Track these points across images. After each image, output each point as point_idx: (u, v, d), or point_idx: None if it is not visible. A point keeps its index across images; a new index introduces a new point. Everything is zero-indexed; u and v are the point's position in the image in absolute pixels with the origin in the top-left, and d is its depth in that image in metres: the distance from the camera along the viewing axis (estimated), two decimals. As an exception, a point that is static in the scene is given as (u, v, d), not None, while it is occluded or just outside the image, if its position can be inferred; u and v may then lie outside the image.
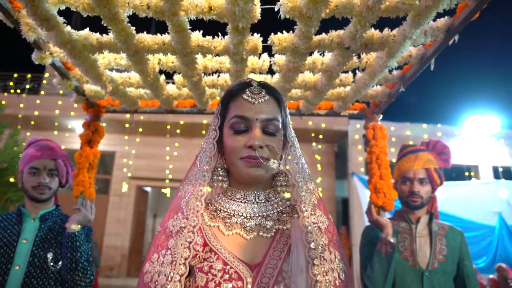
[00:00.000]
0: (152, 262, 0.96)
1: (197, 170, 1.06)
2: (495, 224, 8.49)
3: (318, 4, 1.22)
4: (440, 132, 9.29)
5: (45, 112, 8.74)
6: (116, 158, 9.45)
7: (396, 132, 9.26)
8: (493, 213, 8.58)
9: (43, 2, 1.27)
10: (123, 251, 8.98)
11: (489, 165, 9.34)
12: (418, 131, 9.28)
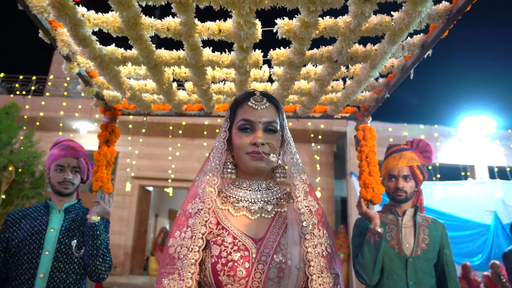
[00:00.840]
0: (175, 238, 1.20)
1: (210, 164, 1.31)
2: (491, 222, 8.74)
3: (309, 27, 1.51)
4: (437, 133, 9.55)
5: (50, 113, 9.01)
6: (120, 158, 9.72)
7: (393, 133, 9.54)
8: (488, 212, 8.83)
9: (83, 26, 1.56)
10: (126, 250, 9.25)
11: (485, 165, 9.59)
12: (415, 131, 9.55)
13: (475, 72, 24.73)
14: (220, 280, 1.10)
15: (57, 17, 1.46)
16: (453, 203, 8.87)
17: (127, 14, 1.45)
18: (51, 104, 9.23)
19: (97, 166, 2.61)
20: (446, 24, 1.74)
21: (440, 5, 1.68)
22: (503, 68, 23.09)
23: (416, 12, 1.46)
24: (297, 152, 1.37)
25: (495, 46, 23.34)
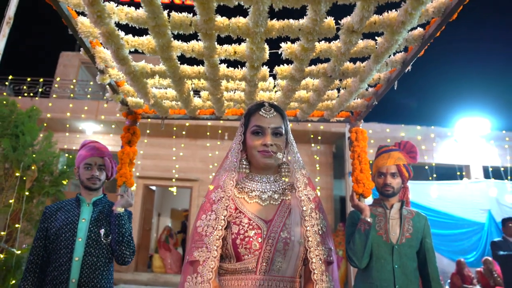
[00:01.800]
0: (202, 220, 1.52)
1: (229, 162, 1.67)
2: (485, 221, 9.08)
3: (307, 51, 1.91)
4: (433, 134, 9.95)
5: (57, 115, 9.38)
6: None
7: (391, 134, 9.94)
8: (483, 211, 9.19)
9: (123, 48, 1.95)
10: (131, 247, 9.62)
11: (480, 165, 9.97)
12: (412, 132, 9.94)
13: (470, 74, 25.20)
14: (239, 251, 1.45)
15: (105, 43, 1.86)
16: (449, 202, 9.23)
17: (162, 41, 1.85)
18: (57, 105, 9.62)
19: (121, 164, 2.99)
20: (421, 46, 2.14)
21: (415, 31, 2.08)
22: (498, 71, 23.58)
23: (394, 40, 1.86)
24: (298, 152, 1.75)
25: (490, 49, 23.82)
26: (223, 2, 1.59)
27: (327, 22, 1.76)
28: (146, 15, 1.72)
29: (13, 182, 4.38)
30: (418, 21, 1.89)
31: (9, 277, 4.10)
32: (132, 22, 1.80)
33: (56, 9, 1.90)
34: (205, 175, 10.01)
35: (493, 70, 23.62)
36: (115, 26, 1.85)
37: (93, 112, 9.54)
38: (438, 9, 1.87)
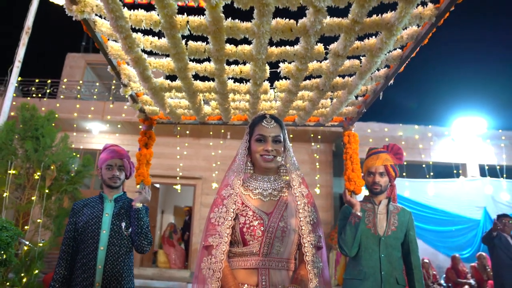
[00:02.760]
0: (215, 212, 1.86)
1: (236, 164, 2.05)
2: (480, 218, 9.48)
3: (301, 71, 2.34)
4: (430, 133, 10.33)
5: (64, 115, 9.73)
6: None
7: (389, 133, 10.32)
8: (478, 208, 9.59)
9: (147, 69, 2.38)
10: (137, 243, 10.05)
11: (476, 164, 10.33)
12: (410, 131, 10.32)
13: (467, 74, 25.65)
14: (245, 238, 1.84)
15: (133, 66, 2.28)
16: (445, 199, 9.62)
17: (180, 64, 2.27)
18: (65, 106, 10.02)
19: (139, 164, 3.42)
20: (400, 64, 2.55)
21: (394, 52, 2.50)
22: (494, 71, 24.00)
23: (373, 61, 2.28)
24: (294, 156, 2.15)
25: (487, 49, 24.23)
26: (232, 36, 2.00)
27: (317, 48, 2.19)
28: (168, 45, 2.13)
29: (34, 181, 4.82)
30: (395, 45, 2.31)
31: (32, 267, 4.54)
32: (155, 49, 2.22)
33: (92, 37, 2.32)
34: (208, 173, 10.43)
35: (489, 70, 24.07)
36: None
37: (99, 113, 9.96)
38: (411, 36, 2.29)
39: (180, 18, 1.97)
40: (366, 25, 1.97)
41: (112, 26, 1.94)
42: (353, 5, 1.81)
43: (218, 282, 1.74)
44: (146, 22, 2.01)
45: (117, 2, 1.82)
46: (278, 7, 1.81)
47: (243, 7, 1.76)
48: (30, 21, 5.43)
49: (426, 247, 9.48)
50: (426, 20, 2.06)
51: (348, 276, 2.87)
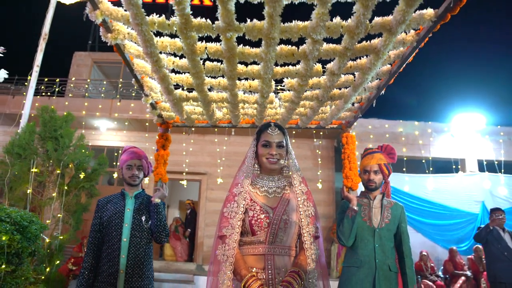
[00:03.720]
0: (227, 207, 2.14)
1: (245, 166, 2.43)
2: (478, 212, 9.87)
3: (302, 86, 2.75)
4: (430, 129, 10.70)
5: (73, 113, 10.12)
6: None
7: (390, 129, 10.71)
8: (476, 202, 9.99)
9: (170, 84, 2.80)
10: (144, 237, 10.51)
11: (475, 159, 10.65)
12: (410, 128, 10.69)
13: (466, 71, 26.02)
14: (253, 229, 2.22)
15: (159, 83, 2.70)
16: (444, 194, 10.00)
17: (198, 81, 2.69)
18: (73, 104, 10.44)
19: (157, 164, 3.85)
20: (389, 78, 2.96)
21: (384, 68, 2.91)
22: (493, 68, 24.32)
23: (365, 78, 2.69)
24: (295, 158, 2.55)
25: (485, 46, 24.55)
26: (243, 60, 2.42)
27: (316, 68, 2.60)
28: (188, 65, 2.55)
29: (54, 179, 5.26)
30: (383, 63, 2.73)
31: (54, 258, 4.99)
32: (177, 68, 2.63)
33: (121, 57, 2.74)
34: (213, 169, 10.87)
35: (488, 68, 24.41)
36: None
37: (107, 110, 10.38)
38: (397, 55, 2.70)
39: (200, 45, 2.39)
40: (356, 50, 2.38)
41: (145, 52, 2.36)
42: (345, 35, 2.22)
43: (231, 266, 2.06)
44: (171, 48, 2.42)
45: (151, 34, 2.24)
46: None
47: (253, 39, 2.18)
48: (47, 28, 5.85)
49: (425, 240, 9.89)
50: (408, 44, 2.47)
51: (346, 264, 3.13)
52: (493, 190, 9.94)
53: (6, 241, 3.37)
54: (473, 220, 9.97)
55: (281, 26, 2.11)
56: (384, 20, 2.18)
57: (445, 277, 8.71)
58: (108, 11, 2.27)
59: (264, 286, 2.04)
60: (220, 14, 2.04)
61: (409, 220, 9.93)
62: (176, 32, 2.24)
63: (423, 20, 2.20)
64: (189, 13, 2.07)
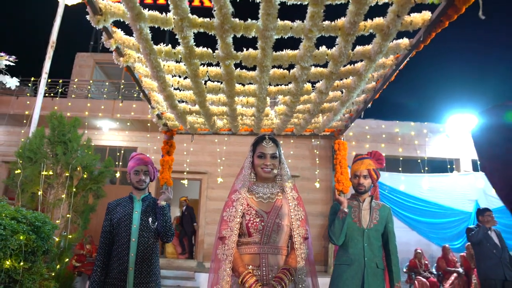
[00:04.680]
0: (227, 212, 2.46)
1: (243, 175, 2.79)
2: (472, 210, 10.23)
3: (294, 102, 3.08)
4: (426, 129, 11.04)
5: (76, 114, 10.46)
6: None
7: (386, 130, 11.05)
8: (470, 201, 10.37)
9: (175, 100, 3.13)
10: (146, 235, 10.88)
11: (469, 159, 11.00)
12: (406, 128, 11.03)
13: (462, 73, 26.50)
14: (250, 231, 2.56)
15: (165, 100, 3.04)
16: (439, 193, 10.39)
17: (200, 99, 3.03)
18: (76, 105, 10.79)
19: (162, 169, 4.18)
20: (374, 94, 3.30)
21: (369, 85, 3.24)
22: (488, 69, 24.77)
23: (351, 95, 3.03)
24: (287, 167, 2.89)
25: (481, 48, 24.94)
26: (240, 82, 2.76)
27: (306, 87, 2.94)
28: (191, 85, 2.89)
29: (62, 181, 5.61)
30: (367, 82, 3.05)
31: (63, 256, 5.35)
32: (181, 87, 2.97)
33: (131, 75, 3.07)
34: (213, 168, 11.22)
35: (483, 68, 24.83)
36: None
37: (109, 111, 10.72)
38: (380, 75, 3.03)
39: (202, 69, 2.72)
40: (341, 73, 2.71)
41: (152, 75, 2.70)
42: (330, 62, 2.55)
43: (230, 264, 2.35)
44: (176, 71, 2.76)
45: (158, 61, 2.57)
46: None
47: (248, 65, 2.51)
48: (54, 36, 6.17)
49: (420, 238, 10.26)
50: (388, 67, 2.80)
51: (337, 262, 3.40)
52: (486, 190, 10.30)
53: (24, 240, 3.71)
54: (467, 219, 10.34)
55: (273, 55, 2.44)
56: (364, 49, 2.51)
57: (438, 274, 9.07)
58: (121, 40, 2.60)
59: (258, 281, 2.32)
60: (219, 46, 2.37)
61: (405, 218, 10.31)
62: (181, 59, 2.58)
63: (399, 48, 2.53)
64: (193, 45, 2.40)
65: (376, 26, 2.26)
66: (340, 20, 2.22)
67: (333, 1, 2.04)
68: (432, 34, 2.38)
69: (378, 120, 11.09)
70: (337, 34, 2.29)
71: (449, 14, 2.16)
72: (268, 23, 2.08)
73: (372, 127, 10.94)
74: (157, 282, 3.33)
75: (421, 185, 10.34)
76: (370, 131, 10.88)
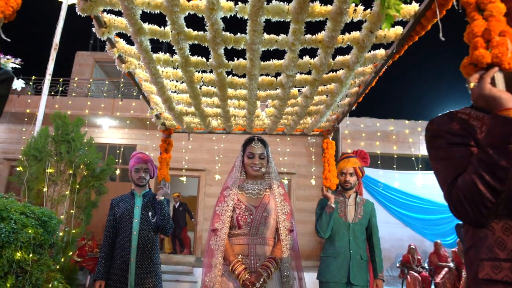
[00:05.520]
0: (219, 206, 2.74)
1: (234, 173, 3.09)
2: (464, 207, 10.48)
3: (282, 106, 3.38)
4: (420, 127, 11.32)
5: (77, 112, 10.77)
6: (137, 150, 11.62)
7: (381, 128, 11.34)
8: (463, 198, 10.57)
9: (172, 103, 3.43)
10: (146, 231, 11.20)
11: (462, 156, 11.33)
12: (400, 126, 11.32)
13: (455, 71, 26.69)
14: (240, 224, 2.81)
15: (163, 102, 3.34)
16: (433, 190, 10.66)
17: (195, 102, 3.32)
18: (77, 103, 11.08)
19: (161, 166, 4.48)
20: (358, 97, 3.59)
21: (352, 90, 3.54)
22: None
23: (334, 100, 3.32)
24: (275, 166, 3.19)
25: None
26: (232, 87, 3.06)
27: (292, 92, 3.25)
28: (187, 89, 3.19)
29: (65, 178, 5.92)
30: (350, 87, 3.35)
31: (67, 249, 5.66)
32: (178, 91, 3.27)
33: (131, 79, 3.37)
34: (211, 165, 11.53)
35: None
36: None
37: (109, 109, 11.01)
38: (362, 81, 3.32)
39: (197, 75, 3.02)
40: (324, 80, 3.01)
41: (151, 81, 3.00)
42: (312, 71, 2.84)
43: (222, 253, 2.63)
44: (173, 77, 3.05)
45: (157, 69, 2.87)
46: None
47: (239, 73, 2.81)
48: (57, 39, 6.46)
49: (414, 234, 10.57)
50: (368, 75, 3.09)
51: (324, 254, 3.65)
52: (479, 186, 10.54)
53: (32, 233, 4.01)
54: (459, 215, 10.60)
55: (261, 64, 2.74)
56: (344, 59, 2.80)
57: (430, 269, 9.37)
58: (123, 49, 2.90)
59: (247, 269, 2.58)
60: (212, 56, 2.67)
61: (399, 215, 10.62)
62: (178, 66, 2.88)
63: (376, 58, 2.82)
64: (188, 54, 2.70)
65: (353, 39, 2.54)
66: (320, 34, 2.50)
67: (312, 18, 2.32)
68: (404, 46, 2.67)
69: (373, 119, 11.37)
70: (318, 46, 2.58)
71: (417, 30, 2.45)
72: (255, 38, 2.37)
73: (367, 125, 11.24)
74: (158, 272, 3.57)
75: (415, 182, 10.64)
76: (365, 129, 11.18)
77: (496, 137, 1.16)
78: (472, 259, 1.34)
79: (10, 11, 1.42)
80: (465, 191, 1.22)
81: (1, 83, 1.40)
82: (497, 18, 1.34)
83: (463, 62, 1.42)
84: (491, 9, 1.35)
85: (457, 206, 1.26)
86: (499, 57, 1.27)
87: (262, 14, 2.16)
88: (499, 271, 1.19)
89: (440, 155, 1.38)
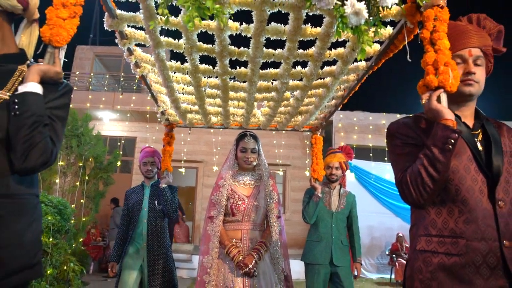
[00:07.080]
0: (214, 195, 3.08)
1: (227, 164, 3.47)
2: (452, 198, 11.04)
3: (277, 107, 3.89)
4: (410, 121, 11.85)
5: (78, 105, 11.16)
6: (137, 142, 12.10)
7: (373, 121, 11.85)
8: (451, 189, 11.13)
9: (179, 103, 3.92)
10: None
11: (451, 149, 11.87)
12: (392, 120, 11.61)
13: None
14: (233, 212, 3.19)
15: (171, 102, 3.83)
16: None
17: (200, 102, 3.83)
18: (78, 96, 11.47)
19: (164, 157, 4.96)
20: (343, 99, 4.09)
21: (338, 93, 4.03)
22: None
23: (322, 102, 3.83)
24: (265, 159, 3.66)
25: None
26: (233, 90, 3.56)
27: (286, 95, 3.74)
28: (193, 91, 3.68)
29: (74, 170, 6.42)
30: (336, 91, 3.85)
31: (78, 235, 6.18)
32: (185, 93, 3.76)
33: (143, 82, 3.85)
34: (209, 157, 12.02)
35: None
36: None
37: (110, 103, 11.45)
38: (346, 87, 3.83)
39: (203, 80, 3.50)
40: (313, 86, 3.50)
41: (164, 85, 3.50)
42: (304, 78, 3.34)
43: (218, 238, 2.95)
44: (182, 81, 3.54)
45: (169, 74, 3.35)
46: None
47: (240, 80, 3.31)
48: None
49: (403, 224, 11.14)
50: (351, 82, 3.60)
51: (309, 239, 4.09)
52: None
53: (52, 220, 4.50)
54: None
55: (260, 73, 3.23)
56: (330, 69, 3.30)
57: (417, 256, 9.95)
58: (140, 56, 3.38)
59: (240, 252, 2.92)
60: (218, 65, 3.15)
61: (389, 205, 11.19)
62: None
63: (358, 69, 3.33)
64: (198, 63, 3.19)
65: (338, 54, 3.04)
66: (310, 50, 3.00)
67: (304, 38, 2.82)
68: (382, 60, 3.16)
69: (366, 112, 11.86)
70: (309, 60, 3.08)
71: (392, 48, 2.94)
72: (257, 53, 2.86)
73: (360, 119, 11.74)
74: (168, 254, 4.01)
75: (406, 175, 11.13)
76: (358, 123, 11.68)
77: (437, 139, 1.56)
78: (414, 235, 1.80)
79: (69, 40, 1.86)
80: (411, 177, 1.56)
81: (64, 95, 1.71)
82: (443, 52, 1.83)
83: (419, 84, 1.87)
84: (439, 44, 1.84)
85: (405, 188, 1.59)
86: (443, 82, 1.73)
87: (263, 34, 2.64)
88: (430, 244, 1.62)
89: (396, 151, 1.76)
